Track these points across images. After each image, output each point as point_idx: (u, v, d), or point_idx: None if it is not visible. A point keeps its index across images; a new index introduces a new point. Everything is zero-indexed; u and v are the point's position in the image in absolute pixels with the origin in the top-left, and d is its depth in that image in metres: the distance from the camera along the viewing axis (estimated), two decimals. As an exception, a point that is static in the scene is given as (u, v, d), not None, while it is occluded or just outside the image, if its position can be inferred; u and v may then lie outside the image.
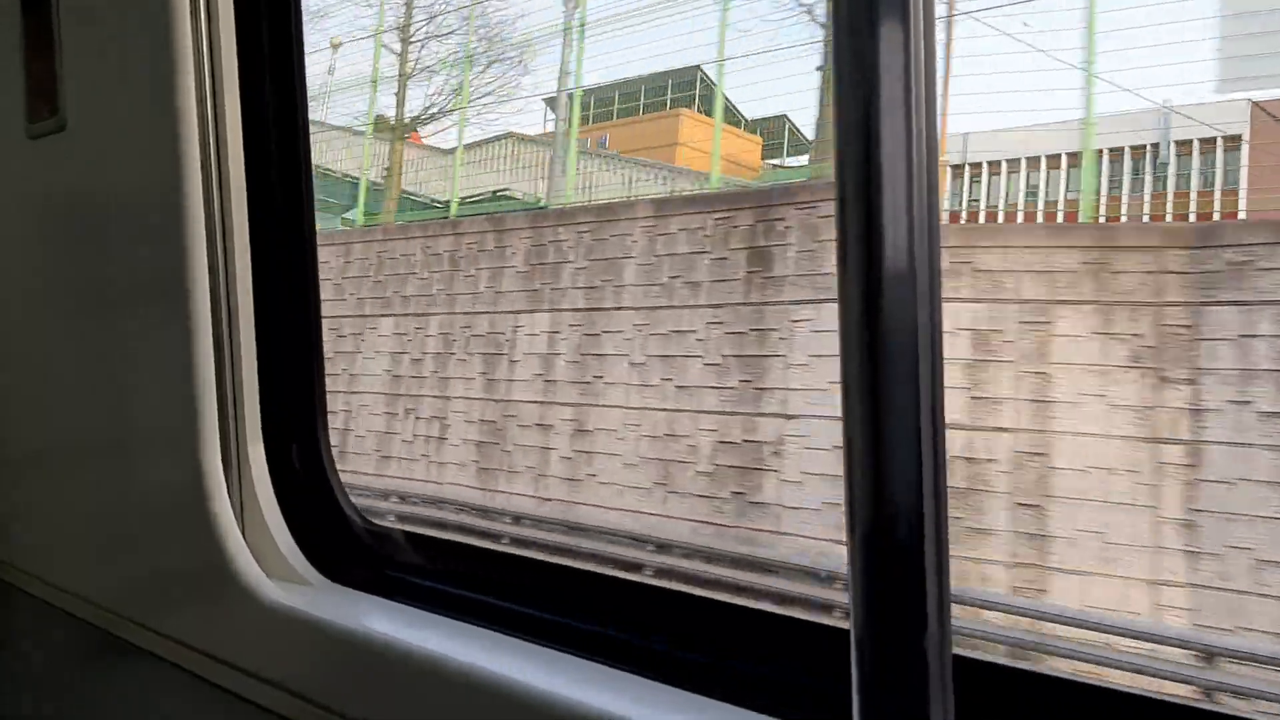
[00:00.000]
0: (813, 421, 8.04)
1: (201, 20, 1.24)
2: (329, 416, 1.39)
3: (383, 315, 11.75)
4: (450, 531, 9.72)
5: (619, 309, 9.57)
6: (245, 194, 1.29)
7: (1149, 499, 6.83)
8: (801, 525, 7.92)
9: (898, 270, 0.55)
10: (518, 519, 9.12)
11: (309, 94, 1.36)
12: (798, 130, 14.30)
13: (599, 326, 9.66)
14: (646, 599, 1.10)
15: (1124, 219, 13.34)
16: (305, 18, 1.34)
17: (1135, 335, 7.05)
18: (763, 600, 6.64)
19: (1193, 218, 11.57)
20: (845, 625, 0.60)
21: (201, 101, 1.24)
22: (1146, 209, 12.86)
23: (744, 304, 8.65)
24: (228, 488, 1.27)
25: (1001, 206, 14.64)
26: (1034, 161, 14.75)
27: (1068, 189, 12.91)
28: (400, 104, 14.45)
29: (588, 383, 9.60)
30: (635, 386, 9.24)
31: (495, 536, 8.70)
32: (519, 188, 13.22)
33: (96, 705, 1.50)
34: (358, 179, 13.85)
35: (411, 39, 14.17)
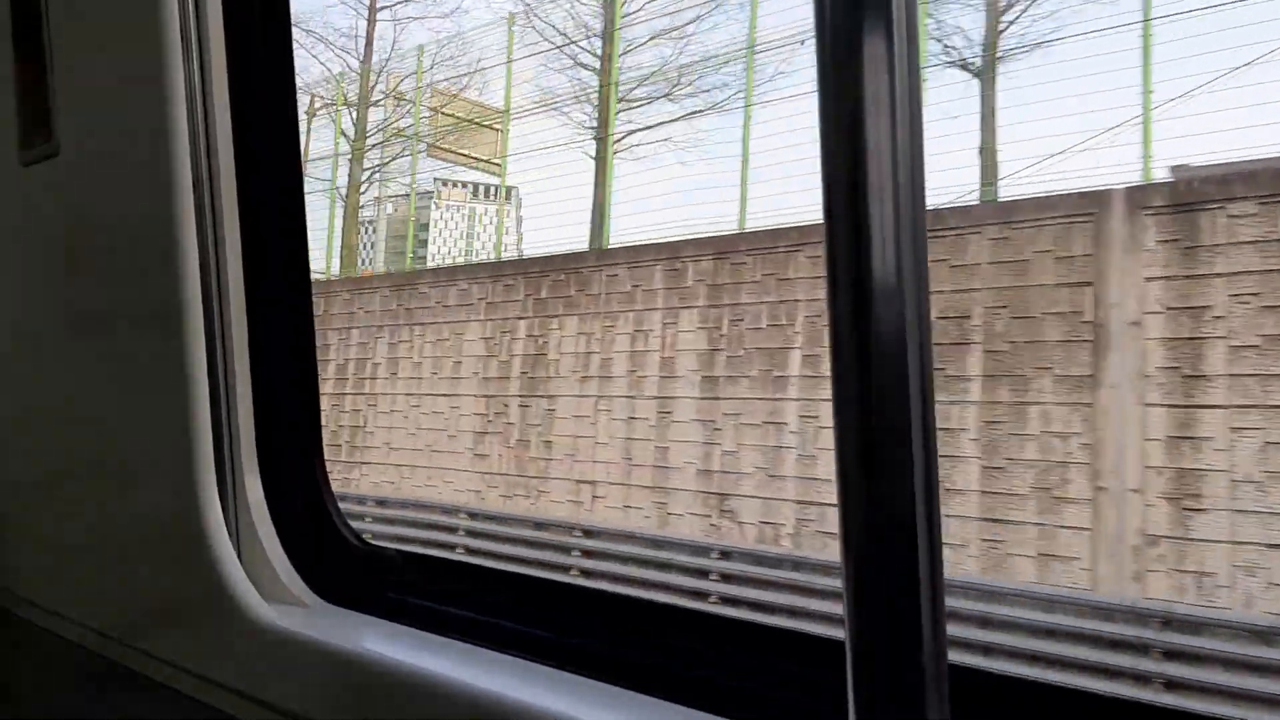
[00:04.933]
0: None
1: (193, 45, 1.25)
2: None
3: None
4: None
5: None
6: (238, 218, 1.29)
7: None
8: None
9: (886, 282, 0.55)
10: None
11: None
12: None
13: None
14: (645, 615, 1.10)
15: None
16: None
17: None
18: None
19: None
20: (841, 637, 0.60)
21: (194, 126, 1.25)
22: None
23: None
24: (224, 511, 1.26)
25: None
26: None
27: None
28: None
29: None
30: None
31: None
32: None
33: None
34: None
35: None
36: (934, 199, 9.19)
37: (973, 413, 8.05)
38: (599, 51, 14.15)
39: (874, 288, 0.55)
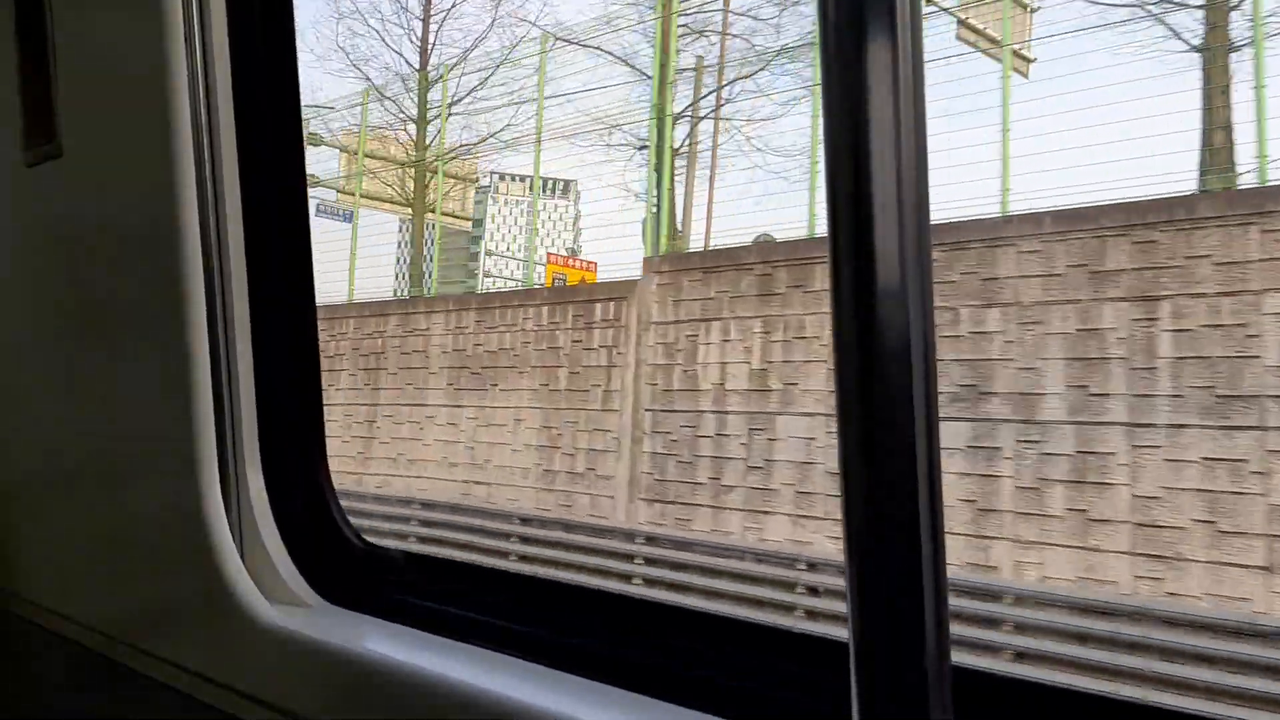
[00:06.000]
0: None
1: (196, 46, 1.25)
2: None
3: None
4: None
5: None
6: (241, 219, 1.30)
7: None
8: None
9: (890, 286, 0.55)
10: None
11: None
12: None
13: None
14: (645, 615, 1.10)
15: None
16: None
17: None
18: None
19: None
20: (844, 638, 0.60)
21: (198, 127, 1.25)
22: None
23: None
24: (226, 511, 1.27)
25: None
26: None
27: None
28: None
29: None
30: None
31: None
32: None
33: None
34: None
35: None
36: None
37: None
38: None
39: (877, 293, 0.55)
